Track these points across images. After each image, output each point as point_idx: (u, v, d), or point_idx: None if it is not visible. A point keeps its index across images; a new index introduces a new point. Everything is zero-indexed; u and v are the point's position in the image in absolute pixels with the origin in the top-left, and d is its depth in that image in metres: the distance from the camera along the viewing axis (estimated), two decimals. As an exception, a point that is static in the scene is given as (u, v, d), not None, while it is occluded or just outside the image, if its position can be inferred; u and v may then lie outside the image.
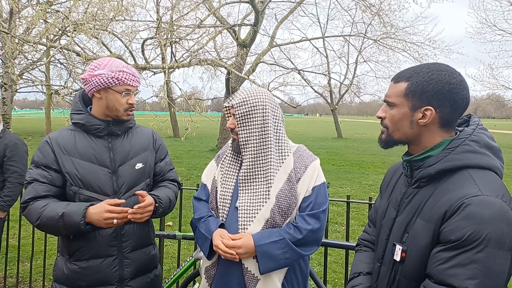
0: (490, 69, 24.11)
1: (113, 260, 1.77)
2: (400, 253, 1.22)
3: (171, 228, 5.64)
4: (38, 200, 1.69)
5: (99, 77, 1.73)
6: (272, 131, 1.71)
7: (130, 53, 10.79)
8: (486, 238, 1.04)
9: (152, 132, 2.01)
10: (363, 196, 7.91)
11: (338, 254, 4.71)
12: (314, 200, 1.68)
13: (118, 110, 1.79)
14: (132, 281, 1.83)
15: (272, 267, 1.61)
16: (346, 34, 19.13)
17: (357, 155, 15.93)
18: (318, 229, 1.65)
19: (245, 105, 1.69)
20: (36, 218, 1.67)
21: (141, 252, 1.87)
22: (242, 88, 1.79)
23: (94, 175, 1.75)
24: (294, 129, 37.96)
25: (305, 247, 1.65)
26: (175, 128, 23.10)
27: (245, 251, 1.60)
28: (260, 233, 1.63)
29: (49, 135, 1.81)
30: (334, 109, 27.02)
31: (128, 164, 1.83)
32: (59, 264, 1.80)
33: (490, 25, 22.94)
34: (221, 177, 1.79)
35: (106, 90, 1.76)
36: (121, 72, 1.75)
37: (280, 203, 1.65)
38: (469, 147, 1.19)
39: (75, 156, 1.75)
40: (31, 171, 1.75)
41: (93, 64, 1.78)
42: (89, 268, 1.74)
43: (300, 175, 1.70)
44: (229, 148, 1.84)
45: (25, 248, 4.37)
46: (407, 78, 1.25)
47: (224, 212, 1.73)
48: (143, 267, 1.88)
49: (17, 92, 18.63)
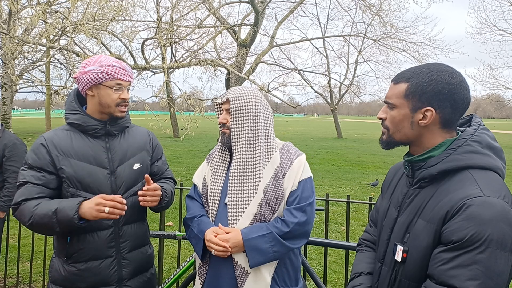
0: (490, 69, 24.16)
1: (112, 261, 1.77)
2: (401, 253, 1.22)
3: (171, 228, 5.64)
4: (30, 201, 1.66)
5: (89, 74, 1.72)
6: (262, 127, 1.77)
7: (130, 53, 10.77)
8: (488, 239, 1.04)
9: (148, 132, 2.01)
10: (363, 196, 7.91)
11: (338, 254, 4.71)
12: (300, 194, 1.72)
13: (110, 106, 1.76)
14: (130, 281, 1.83)
15: (260, 260, 1.65)
16: (346, 34, 19.09)
17: (357, 155, 15.93)
18: (304, 222, 1.70)
19: (239, 99, 1.76)
20: (28, 217, 1.63)
21: (139, 252, 1.88)
22: (234, 87, 1.84)
23: (93, 176, 1.73)
24: (294, 129, 37.95)
25: (293, 240, 1.69)
26: (175, 128, 23.10)
27: (234, 245, 1.64)
28: (248, 227, 1.68)
29: (43, 136, 1.76)
30: (334, 109, 27.02)
31: (126, 164, 1.83)
32: (56, 266, 1.78)
33: (490, 25, 22.86)
34: (211, 175, 1.83)
35: (97, 87, 1.74)
36: (110, 66, 1.73)
37: (267, 198, 1.70)
38: (470, 147, 1.18)
39: (72, 157, 1.72)
40: (24, 173, 1.71)
41: (84, 62, 1.78)
42: (88, 269, 1.73)
43: (286, 170, 1.75)
44: (218, 146, 1.88)
45: (25, 248, 4.37)
46: (407, 79, 1.25)
47: (214, 209, 1.77)
48: (141, 266, 1.89)
49: (17, 92, 18.62)
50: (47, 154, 1.71)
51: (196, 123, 8.97)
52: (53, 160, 1.70)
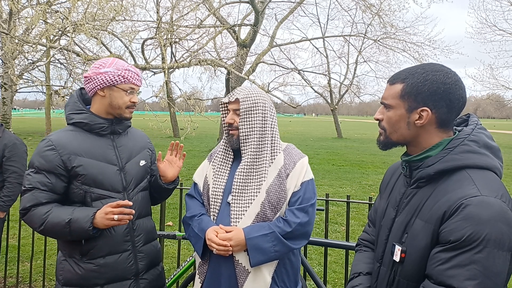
0: (490, 69, 24.14)
1: (128, 254, 1.80)
2: (400, 253, 1.22)
3: (171, 228, 5.64)
4: (39, 207, 1.68)
5: (105, 75, 1.75)
6: (269, 128, 1.79)
7: (130, 53, 10.79)
8: (486, 238, 1.04)
9: (145, 135, 2.09)
10: (363, 196, 7.91)
11: (338, 254, 4.71)
12: (303, 195, 1.75)
13: (121, 108, 1.81)
14: (146, 274, 1.88)
15: (262, 259, 1.66)
16: (346, 34, 19.11)
17: (357, 155, 15.93)
18: (306, 223, 1.72)
19: (249, 100, 1.77)
20: (39, 224, 1.66)
21: (151, 246, 1.93)
22: (241, 87, 1.84)
23: (104, 173, 1.76)
24: (294, 129, 37.96)
25: (294, 240, 1.71)
26: (175, 128, 23.11)
27: (236, 243, 1.65)
28: (251, 226, 1.69)
29: (49, 138, 1.75)
30: (334, 109, 27.01)
31: (134, 161, 1.88)
32: (67, 267, 1.76)
33: (490, 25, 22.83)
34: (213, 174, 1.84)
35: (110, 88, 1.77)
36: (127, 70, 1.78)
37: (270, 197, 1.71)
38: (468, 147, 1.19)
39: (82, 155, 1.73)
40: (30, 178, 1.70)
41: (97, 63, 1.80)
42: (106, 264, 1.75)
43: (289, 171, 1.77)
44: (221, 145, 1.88)
45: (25, 248, 4.37)
46: (402, 79, 1.25)
47: (215, 207, 1.78)
48: (154, 260, 1.95)
49: (17, 92, 18.63)
50: (57, 155, 1.70)
51: (196, 123, 8.96)
52: (63, 161, 1.70)
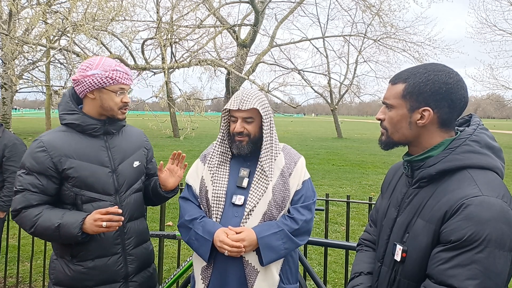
0: (490, 69, 24.20)
1: (118, 257, 1.79)
2: (401, 253, 1.22)
3: (171, 228, 5.64)
4: (30, 209, 1.67)
5: (92, 78, 1.69)
6: (274, 129, 1.83)
7: (130, 53, 10.79)
8: (486, 238, 1.04)
9: (142, 132, 2.04)
10: (363, 196, 7.91)
11: (338, 254, 4.71)
12: (305, 193, 1.81)
13: (113, 109, 1.76)
14: (136, 277, 1.86)
15: (273, 258, 1.69)
16: (346, 34, 19.12)
17: (357, 155, 15.93)
18: (310, 220, 1.79)
19: (265, 107, 1.77)
20: (30, 226, 1.66)
21: (142, 248, 1.91)
22: (246, 91, 1.80)
23: (95, 175, 1.73)
24: (294, 129, 37.96)
25: (301, 236, 1.77)
26: (175, 128, 23.11)
27: (248, 243, 1.66)
28: (260, 226, 1.71)
29: (41, 139, 1.71)
30: (334, 109, 27.00)
31: (127, 162, 1.84)
32: (58, 267, 1.76)
33: (490, 25, 22.82)
34: (212, 176, 1.82)
35: (100, 90, 1.72)
36: (114, 71, 1.72)
37: (275, 197, 1.74)
38: (469, 147, 1.19)
39: (74, 157, 1.70)
40: (21, 179, 1.68)
41: (84, 64, 1.74)
42: (95, 267, 1.74)
43: (291, 170, 1.82)
44: (217, 146, 1.86)
45: (25, 248, 4.37)
46: (404, 79, 1.25)
47: (219, 209, 1.76)
48: (145, 262, 1.92)
49: (17, 92, 18.62)
50: (48, 157, 1.67)
51: (196, 123, 8.96)
52: (54, 163, 1.68)
